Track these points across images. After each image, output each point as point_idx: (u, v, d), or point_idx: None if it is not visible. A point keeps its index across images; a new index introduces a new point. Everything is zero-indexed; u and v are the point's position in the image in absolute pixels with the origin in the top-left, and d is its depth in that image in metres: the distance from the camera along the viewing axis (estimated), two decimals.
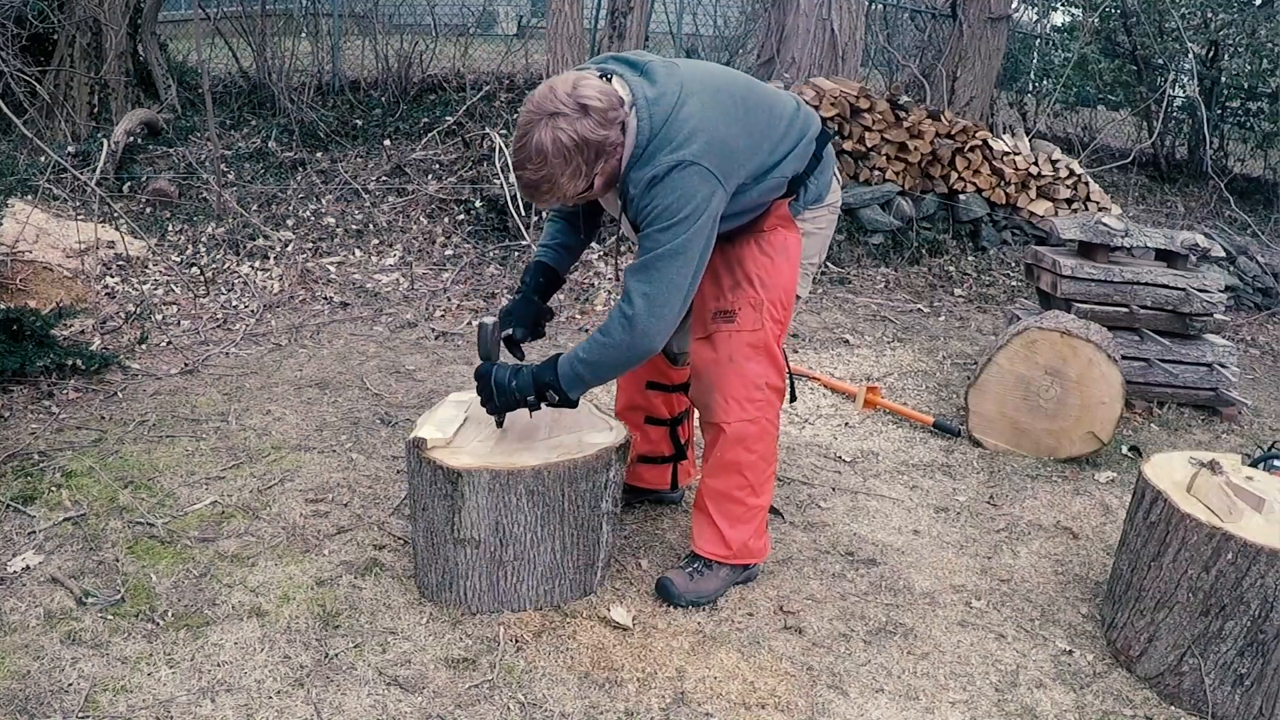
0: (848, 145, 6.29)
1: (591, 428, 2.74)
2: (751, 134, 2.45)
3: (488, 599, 2.60)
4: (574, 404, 2.54)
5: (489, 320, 2.63)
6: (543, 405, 2.55)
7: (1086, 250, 4.59)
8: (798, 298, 2.76)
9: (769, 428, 2.68)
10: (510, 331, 2.70)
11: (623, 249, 5.89)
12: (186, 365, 4.23)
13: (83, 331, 4.47)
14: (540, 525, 2.55)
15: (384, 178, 6.48)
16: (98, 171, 5.75)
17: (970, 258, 6.69)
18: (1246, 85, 8.57)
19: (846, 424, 4.11)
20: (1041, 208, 6.71)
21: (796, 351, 4.95)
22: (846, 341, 5.17)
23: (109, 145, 6.08)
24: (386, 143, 6.94)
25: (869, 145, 6.33)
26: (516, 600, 2.61)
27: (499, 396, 2.55)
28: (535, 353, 4.57)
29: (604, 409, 2.91)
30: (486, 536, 2.53)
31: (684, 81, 2.37)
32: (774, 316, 2.65)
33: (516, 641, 2.52)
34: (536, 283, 2.75)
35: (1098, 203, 6.73)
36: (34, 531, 2.88)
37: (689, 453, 3.22)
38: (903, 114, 6.40)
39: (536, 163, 2.27)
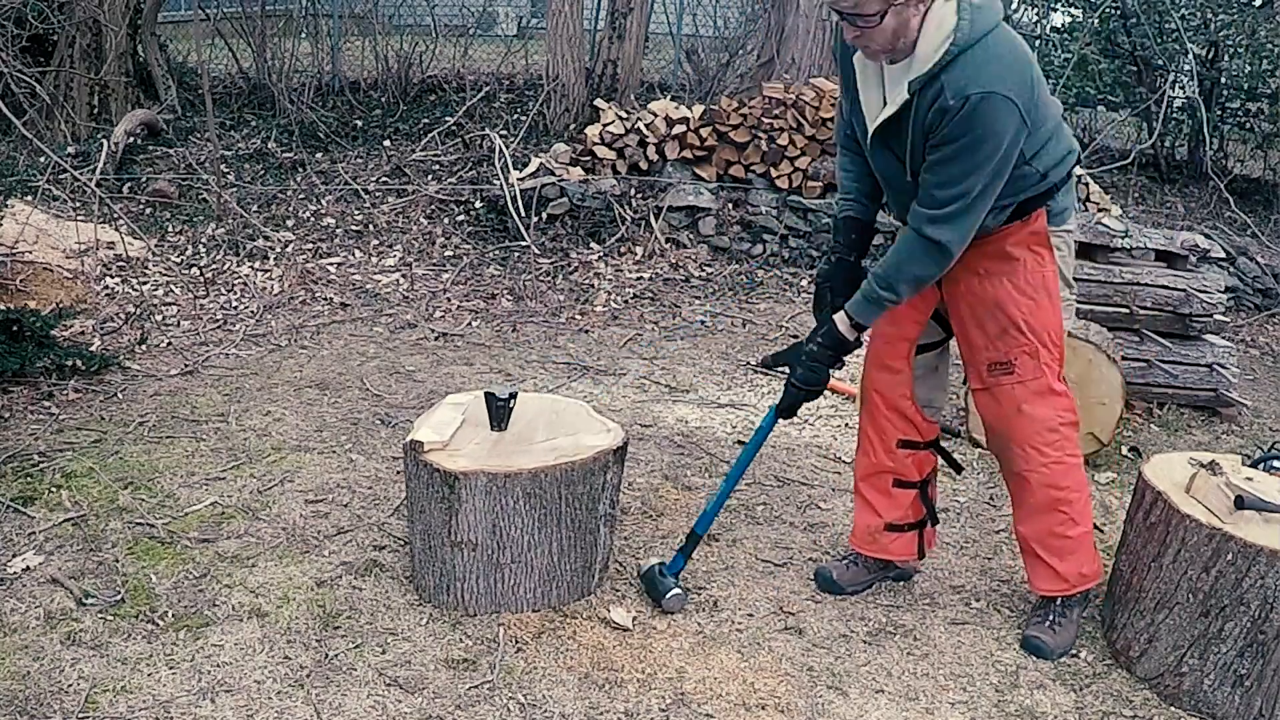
0: None
1: (589, 430, 2.74)
2: (1039, 103, 2.31)
3: (485, 601, 2.60)
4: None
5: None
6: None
7: (1086, 251, 4.59)
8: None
9: (1072, 461, 2.60)
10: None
11: (622, 249, 5.89)
12: (186, 366, 4.23)
13: (83, 332, 4.47)
14: (538, 528, 2.55)
15: (384, 178, 6.48)
16: (98, 172, 5.75)
17: None
18: (1246, 86, 8.56)
19: (847, 424, 4.11)
20: None
21: None
22: None
23: (109, 146, 6.08)
24: (386, 143, 6.94)
25: None
26: (514, 603, 2.61)
27: (808, 380, 2.55)
28: (536, 374, 4.58)
29: (603, 412, 2.90)
30: (484, 539, 2.53)
31: (999, 16, 2.26)
32: (1049, 358, 2.56)
33: (516, 642, 2.52)
34: (849, 240, 2.61)
35: (1098, 203, 6.72)
36: (34, 532, 2.88)
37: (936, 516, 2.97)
38: None
39: None
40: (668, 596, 2.69)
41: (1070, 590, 2.68)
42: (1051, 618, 2.69)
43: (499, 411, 2.68)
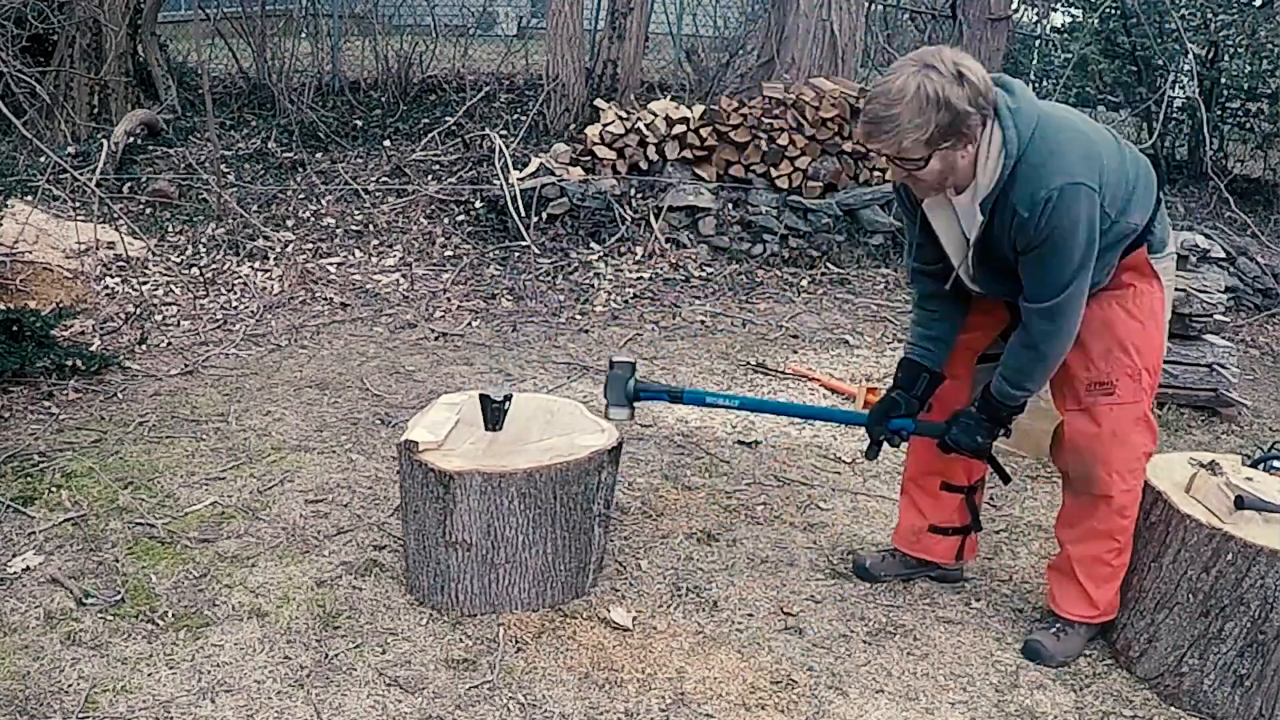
0: (847, 145, 6.29)
1: (583, 430, 2.74)
2: (1108, 165, 2.35)
3: (480, 601, 2.60)
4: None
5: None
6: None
7: None
8: None
9: (1139, 491, 2.60)
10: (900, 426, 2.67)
11: (622, 249, 5.89)
12: (186, 366, 4.23)
13: (83, 332, 4.48)
14: (532, 528, 2.55)
15: (384, 178, 6.48)
16: (98, 172, 5.75)
17: None
18: (1246, 86, 8.56)
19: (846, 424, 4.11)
20: None
21: (796, 352, 4.95)
22: (846, 342, 5.16)
23: (109, 146, 6.08)
24: (386, 143, 6.94)
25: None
26: (509, 603, 2.61)
27: (985, 450, 2.59)
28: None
29: (596, 412, 2.90)
30: (479, 539, 2.53)
31: (1034, 100, 2.34)
32: (1149, 385, 2.54)
33: (516, 642, 2.52)
34: (911, 385, 2.66)
35: None
36: (34, 532, 2.88)
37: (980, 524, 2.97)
38: None
39: (891, 99, 2.19)
40: (612, 408, 2.68)
41: (1097, 618, 2.65)
42: (1060, 626, 2.67)
43: (494, 414, 2.68)
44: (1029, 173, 2.25)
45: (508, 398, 2.70)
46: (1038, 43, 10.29)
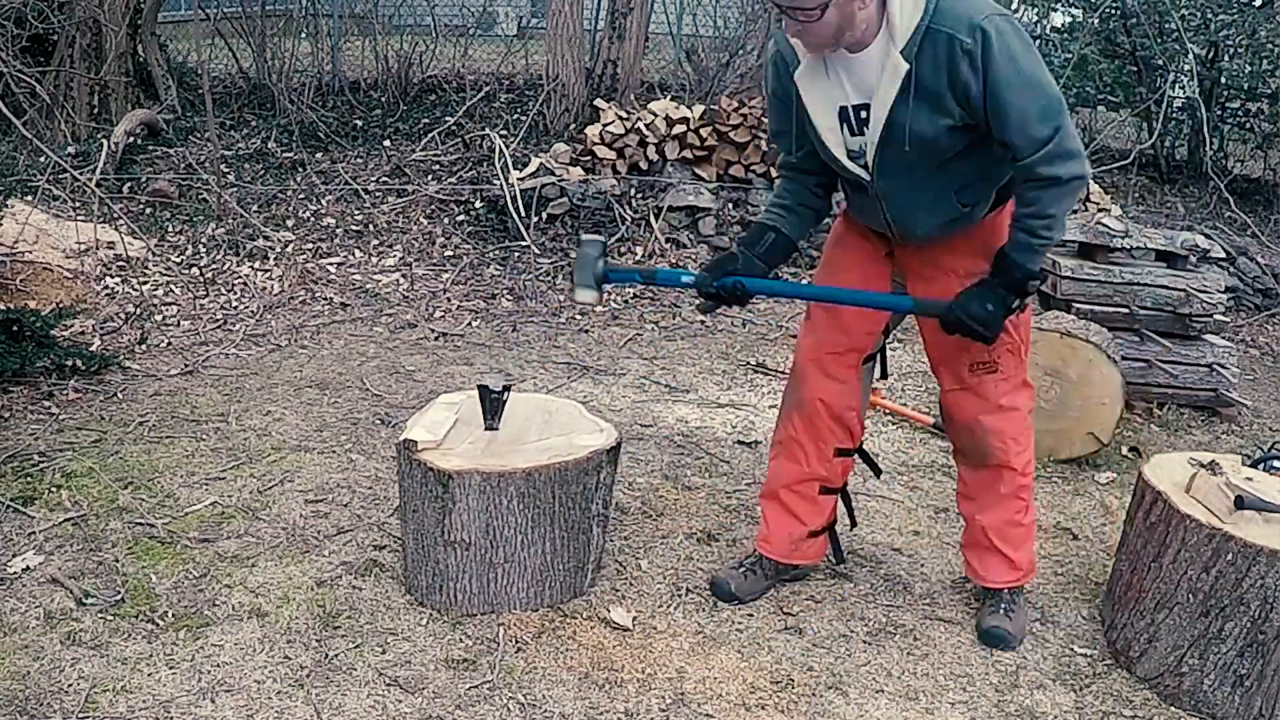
0: None
1: (582, 430, 2.75)
2: None
3: (478, 601, 2.60)
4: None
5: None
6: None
7: (1086, 251, 4.59)
8: None
9: (1031, 448, 2.68)
10: (733, 280, 2.50)
11: (622, 249, 5.89)
12: (186, 366, 4.23)
13: (83, 332, 4.48)
14: (531, 527, 2.55)
15: (384, 178, 6.48)
16: (98, 172, 5.75)
17: None
18: (1246, 86, 8.56)
19: None
20: None
21: None
22: None
23: (109, 146, 6.07)
24: (386, 143, 6.94)
25: None
26: (507, 602, 2.61)
27: (991, 322, 2.34)
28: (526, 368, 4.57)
29: (602, 411, 2.91)
30: (477, 538, 2.53)
31: None
32: (1025, 351, 2.59)
33: (516, 642, 2.52)
34: (765, 251, 2.56)
35: (1097, 203, 6.72)
36: (34, 532, 2.88)
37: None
38: None
39: None
40: (579, 289, 2.54)
41: (1021, 579, 2.73)
42: (1004, 607, 2.72)
43: (493, 404, 2.67)
44: (956, 5, 2.14)
45: (506, 389, 2.70)
46: (1038, 42, 10.29)
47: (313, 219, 6.02)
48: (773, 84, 2.46)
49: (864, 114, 2.30)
